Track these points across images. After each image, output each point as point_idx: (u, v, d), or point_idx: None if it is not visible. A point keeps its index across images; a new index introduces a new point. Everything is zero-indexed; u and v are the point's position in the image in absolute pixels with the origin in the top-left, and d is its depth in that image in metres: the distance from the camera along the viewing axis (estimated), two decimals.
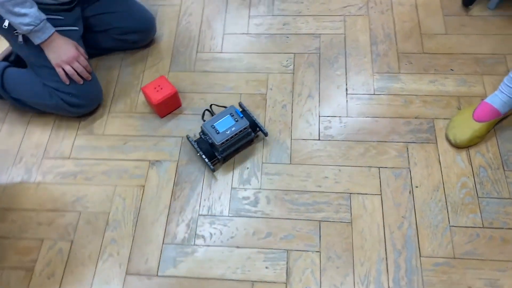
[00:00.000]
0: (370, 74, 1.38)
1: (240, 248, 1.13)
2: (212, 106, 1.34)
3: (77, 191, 1.24)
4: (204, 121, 1.31)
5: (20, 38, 1.21)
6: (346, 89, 1.36)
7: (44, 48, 1.22)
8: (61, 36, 1.24)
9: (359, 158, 1.23)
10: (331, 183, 1.20)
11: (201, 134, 1.25)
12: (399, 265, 1.08)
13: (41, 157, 1.31)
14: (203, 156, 1.21)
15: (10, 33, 1.21)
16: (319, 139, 1.27)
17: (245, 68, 1.43)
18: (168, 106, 1.34)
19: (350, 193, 1.18)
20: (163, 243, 1.15)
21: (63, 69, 1.24)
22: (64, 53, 1.23)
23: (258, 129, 1.26)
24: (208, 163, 1.21)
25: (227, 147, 1.21)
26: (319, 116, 1.31)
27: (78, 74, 1.26)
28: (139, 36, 1.45)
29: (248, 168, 1.24)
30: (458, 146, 1.22)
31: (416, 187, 1.18)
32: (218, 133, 1.19)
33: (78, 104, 1.30)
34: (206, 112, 1.34)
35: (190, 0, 1.60)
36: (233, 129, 1.19)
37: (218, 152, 1.22)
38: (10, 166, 1.30)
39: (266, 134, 1.25)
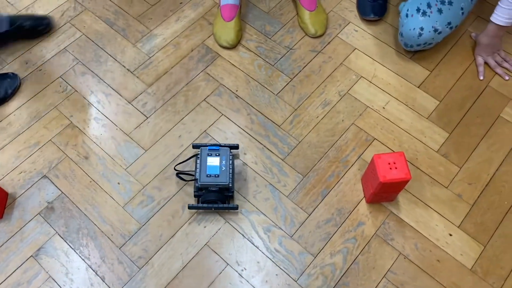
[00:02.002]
0: (132, 46, 1.49)
1: (175, 236, 1.19)
2: (176, 167, 1.28)
3: None
4: (185, 180, 1.26)
5: None
6: (128, 69, 1.45)
7: None
8: None
9: (186, 105, 1.39)
10: (187, 137, 1.33)
11: (196, 192, 1.20)
12: (275, 142, 1.33)
13: None
14: (221, 205, 1.18)
15: None
16: (147, 117, 1.36)
17: (28, 122, 1.35)
18: None
19: (205, 131, 1.34)
20: None
21: None
22: None
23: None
24: (229, 205, 1.19)
25: (230, 179, 1.20)
26: (130, 103, 1.39)
27: None
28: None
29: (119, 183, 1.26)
30: (233, 46, 1.49)
31: (237, 90, 1.41)
32: (218, 176, 1.16)
33: None
34: (183, 175, 1.27)
35: None
36: (223, 162, 1.18)
37: (228, 191, 1.20)
38: None
39: (237, 147, 1.27)
